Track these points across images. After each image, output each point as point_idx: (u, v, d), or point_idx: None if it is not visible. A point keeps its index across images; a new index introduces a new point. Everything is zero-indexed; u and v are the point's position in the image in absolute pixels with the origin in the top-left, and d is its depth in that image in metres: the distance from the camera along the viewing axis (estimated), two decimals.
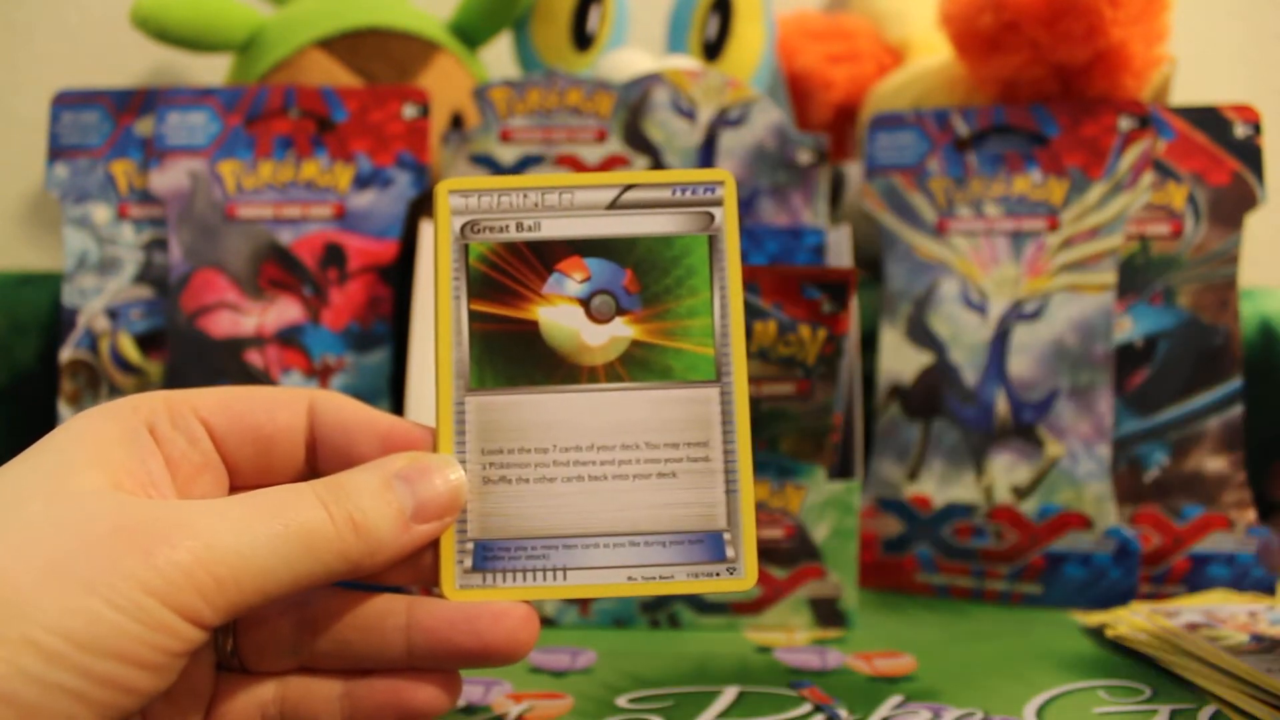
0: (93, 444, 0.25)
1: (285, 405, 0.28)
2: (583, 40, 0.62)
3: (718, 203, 0.29)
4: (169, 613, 0.22)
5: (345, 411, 0.28)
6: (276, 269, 0.52)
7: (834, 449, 0.46)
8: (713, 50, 0.63)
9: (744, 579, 0.28)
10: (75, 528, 0.22)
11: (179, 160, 0.52)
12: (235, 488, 0.28)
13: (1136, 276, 0.52)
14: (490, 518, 0.28)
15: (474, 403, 0.28)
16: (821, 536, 0.46)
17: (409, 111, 0.53)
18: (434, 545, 0.27)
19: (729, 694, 0.38)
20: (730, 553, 0.28)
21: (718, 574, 0.28)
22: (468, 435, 0.28)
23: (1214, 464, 0.51)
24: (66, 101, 0.54)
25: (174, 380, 0.51)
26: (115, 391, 0.52)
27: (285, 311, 0.51)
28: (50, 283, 0.57)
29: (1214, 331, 0.51)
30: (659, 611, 0.46)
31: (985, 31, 0.53)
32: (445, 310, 0.29)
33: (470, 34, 0.62)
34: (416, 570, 0.27)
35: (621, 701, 0.37)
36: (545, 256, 0.29)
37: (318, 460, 0.28)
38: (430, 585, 0.28)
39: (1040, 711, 0.36)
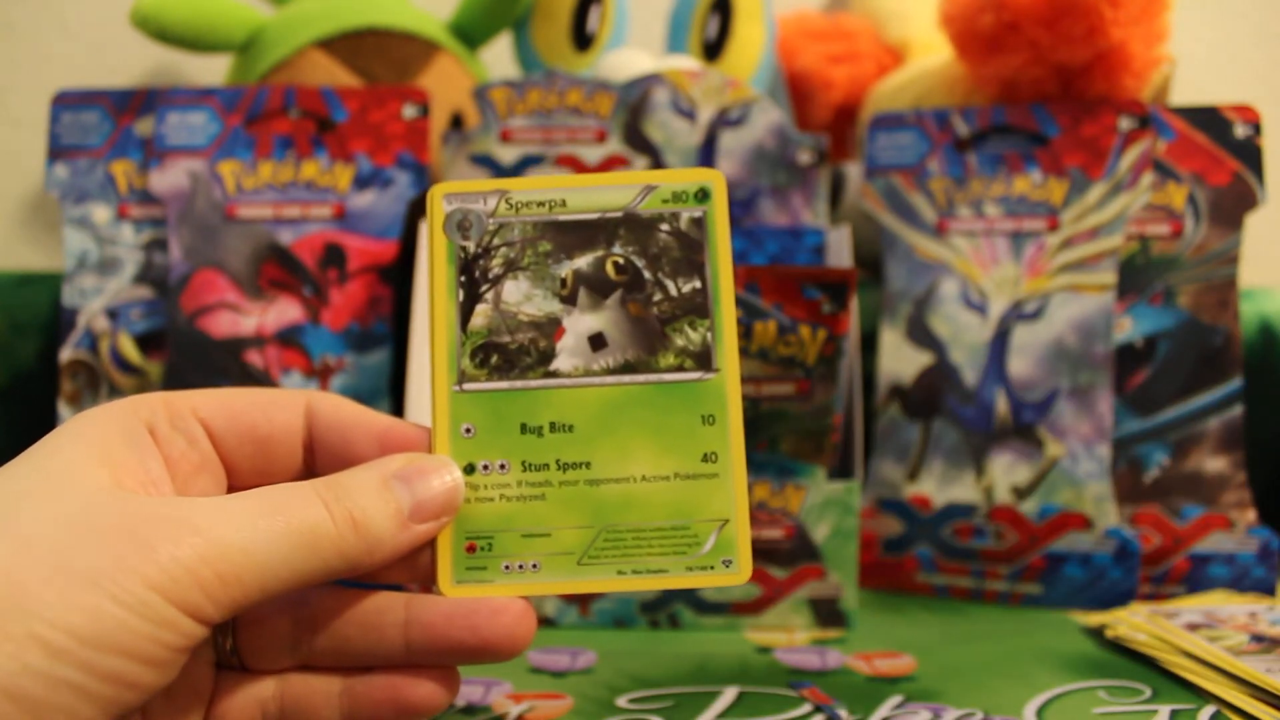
0: (95, 443, 0.25)
1: (283, 406, 0.28)
2: (583, 40, 0.62)
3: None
4: (172, 608, 0.22)
5: (342, 412, 0.28)
6: (276, 269, 0.52)
7: (834, 449, 0.46)
8: (713, 50, 0.63)
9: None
10: (79, 524, 0.22)
11: (179, 160, 0.52)
12: (233, 487, 0.28)
13: (1136, 276, 0.52)
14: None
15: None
16: (821, 537, 0.46)
17: (409, 111, 0.53)
18: (430, 544, 0.28)
19: (729, 694, 0.38)
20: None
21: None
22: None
23: (1214, 464, 0.51)
24: (66, 101, 0.54)
25: (174, 380, 0.51)
26: (115, 391, 0.52)
27: (285, 311, 0.51)
28: (50, 283, 0.57)
29: (1214, 331, 0.51)
30: (659, 612, 0.46)
31: (985, 31, 0.53)
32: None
33: (470, 34, 0.62)
34: (413, 569, 0.28)
35: (621, 702, 0.37)
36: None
37: (315, 461, 0.29)
38: (427, 583, 0.28)
39: (1040, 711, 0.36)
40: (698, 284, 0.29)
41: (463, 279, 0.29)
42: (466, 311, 0.29)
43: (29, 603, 0.21)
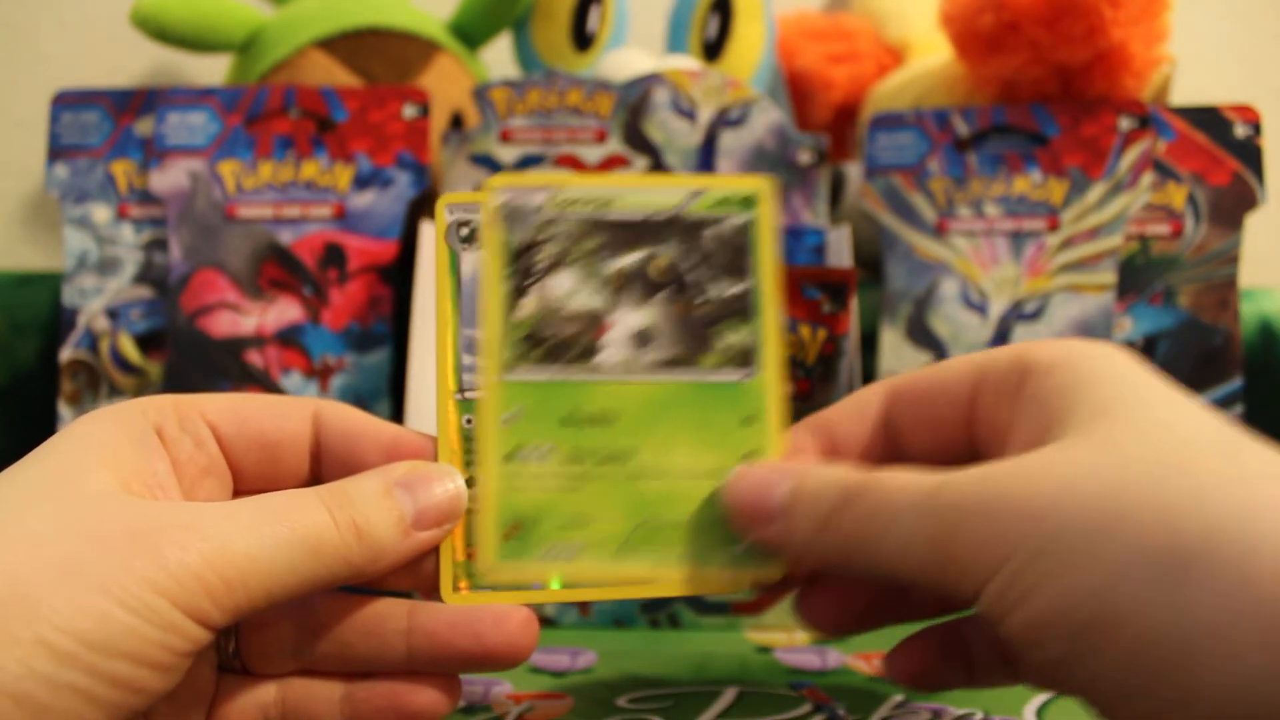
0: (101, 446, 0.25)
1: (291, 413, 0.28)
2: (583, 40, 0.62)
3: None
4: (178, 613, 0.22)
5: (351, 421, 0.29)
6: (276, 269, 0.52)
7: None
8: (713, 50, 0.63)
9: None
10: (86, 529, 0.22)
11: (179, 160, 0.52)
12: (239, 492, 0.28)
13: (1136, 276, 0.52)
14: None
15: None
16: None
17: (409, 111, 0.53)
18: (435, 551, 0.28)
19: (729, 694, 0.38)
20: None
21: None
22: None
23: None
24: (66, 101, 0.54)
25: (174, 380, 0.51)
26: (115, 391, 0.52)
27: (285, 311, 0.51)
28: (50, 283, 0.57)
29: (1214, 331, 0.51)
30: (659, 611, 0.46)
31: (985, 31, 0.53)
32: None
33: (470, 34, 0.62)
34: (417, 576, 0.28)
35: (621, 701, 0.37)
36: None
37: (322, 469, 0.29)
38: (431, 591, 0.28)
39: (1040, 711, 0.36)
40: (742, 287, 0.29)
41: (509, 271, 0.29)
42: (512, 302, 0.29)
43: (36, 606, 0.21)
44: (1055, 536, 0.22)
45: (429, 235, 0.50)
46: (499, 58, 0.67)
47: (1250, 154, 0.52)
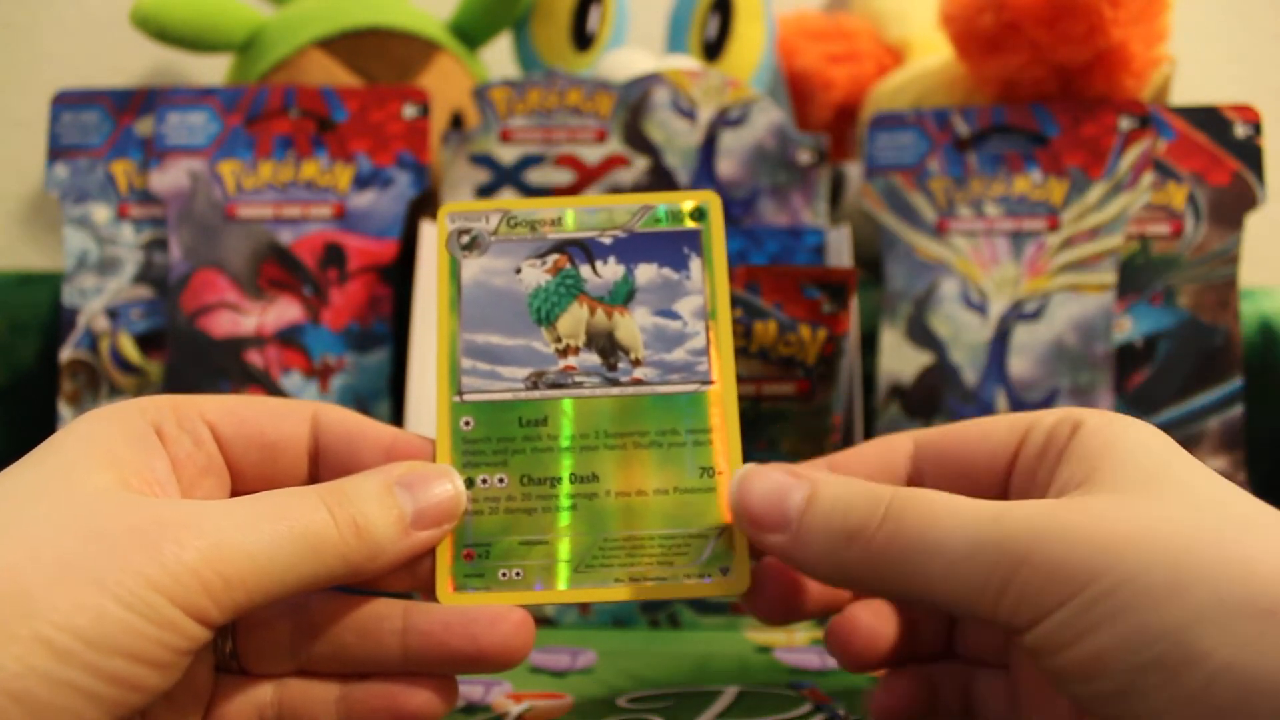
0: (100, 444, 0.25)
1: (290, 414, 0.29)
2: (583, 40, 0.62)
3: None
4: (176, 611, 0.22)
5: (349, 423, 0.29)
6: (276, 269, 0.52)
7: (834, 449, 0.46)
8: (713, 50, 0.63)
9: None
10: (85, 527, 0.22)
11: (179, 160, 0.52)
12: (237, 492, 0.28)
13: (1136, 276, 0.52)
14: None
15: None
16: None
17: (409, 111, 0.53)
18: (432, 552, 0.28)
19: (729, 694, 0.38)
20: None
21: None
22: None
23: (1214, 464, 0.51)
24: (66, 101, 0.54)
25: (174, 380, 0.51)
26: (115, 391, 0.52)
27: (285, 311, 0.51)
28: (50, 283, 0.57)
29: (1214, 331, 0.51)
30: (659, 611, 0.46)
31: (985, 31, 0.53)
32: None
33: (470, 34, 0.62)
34: (415, 577, 0.28)
35: (621, 701, 0.37)
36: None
37: (320, 470, 0.29)
38: (429, 592, 0.28)
39: None
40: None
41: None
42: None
43: (34, 604, 0.21)
44: (1136, 573, 0.22)
45: (429, 235, 0.50)
46: (499, 58, 0.67)
47: (1250, 154, 0.52)
